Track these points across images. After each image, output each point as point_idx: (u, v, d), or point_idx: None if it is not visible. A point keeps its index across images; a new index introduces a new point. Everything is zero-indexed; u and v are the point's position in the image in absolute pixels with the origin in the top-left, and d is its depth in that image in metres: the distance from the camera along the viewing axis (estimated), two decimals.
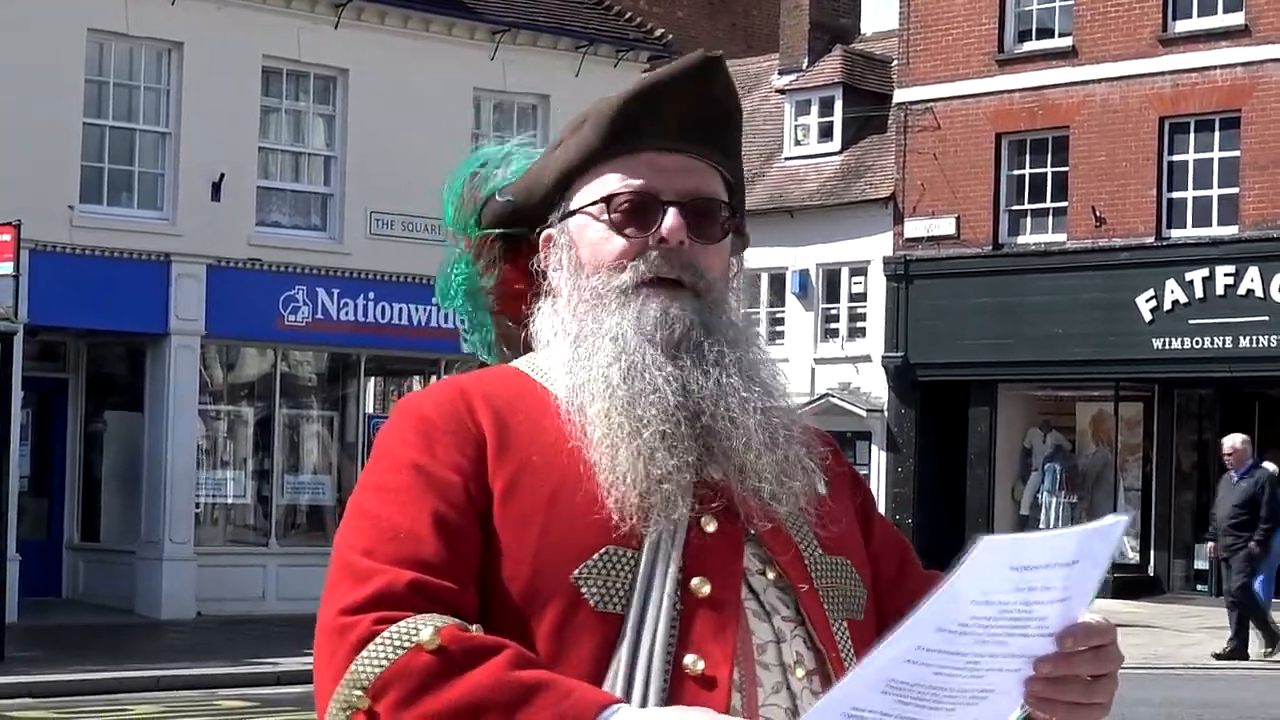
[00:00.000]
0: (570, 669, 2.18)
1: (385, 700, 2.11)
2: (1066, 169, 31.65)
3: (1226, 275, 29.50)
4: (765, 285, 35.61)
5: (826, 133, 36.70)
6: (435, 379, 26.30)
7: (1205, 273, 29.69)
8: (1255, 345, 29.18)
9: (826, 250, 35.19)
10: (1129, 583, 30.79)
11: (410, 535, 2.23)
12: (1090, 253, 30.98)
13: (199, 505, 24.98)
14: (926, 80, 33.42)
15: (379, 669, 2.11)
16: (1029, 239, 32.35)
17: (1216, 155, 30.12)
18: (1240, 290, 29.38)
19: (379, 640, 2.12)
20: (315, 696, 2.21)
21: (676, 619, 2.24)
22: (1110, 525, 2.10)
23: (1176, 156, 30.56)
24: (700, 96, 2.47)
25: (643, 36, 29.30)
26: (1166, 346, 30.08)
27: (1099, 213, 30.93)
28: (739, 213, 2.52)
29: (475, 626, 2.16)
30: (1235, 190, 29.77)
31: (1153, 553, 30.80)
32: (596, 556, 2.25)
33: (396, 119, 25.59)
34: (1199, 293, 29.79)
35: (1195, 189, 30.35)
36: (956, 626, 2.07)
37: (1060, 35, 32.06)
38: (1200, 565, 31.06)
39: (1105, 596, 29.45)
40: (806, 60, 38.19)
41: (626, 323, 2.36)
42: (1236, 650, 20.56)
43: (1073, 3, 31.79)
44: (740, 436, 2.34)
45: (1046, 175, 32.12)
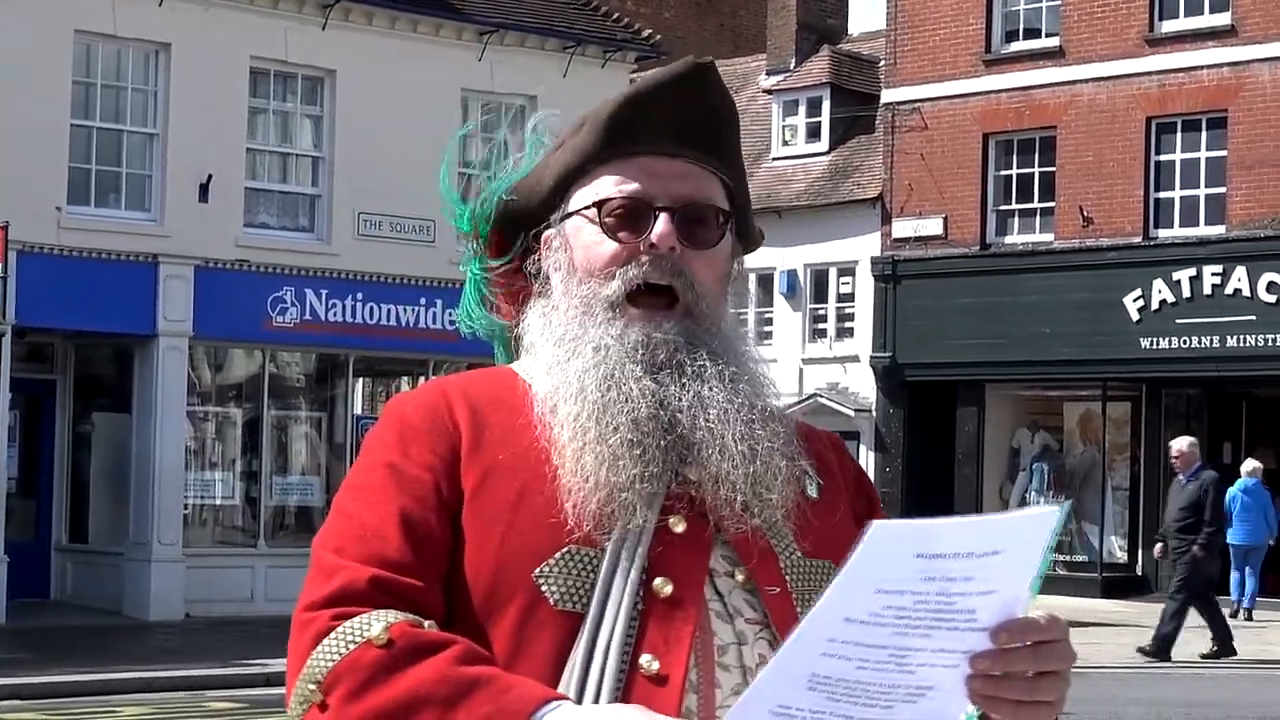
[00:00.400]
0: (528, 666, 2.20)
1: (335, 694, 2.15)
2: (1053, 169, 31.68)
3: (1213, 275, 29.54)
4: (753, 285, 35.60)
5: (814, 133, 36.72)
6: (424, 379, 26.29)
7: (1192, 272, 29.73)
8: (1242, 345, 29.23)
9: (814, 250, 35.21)
10: (1117, 582, 30.86)
11: (376, 533, 2.27)
12: (1077, 252, 31.02)
13: (187, 506, 24.96)
14: (914, 80, 33.45)
15: (331, 663, 2.16)
16: (1016, 239, 32.38)
17: (1203, 155, 30.17)
18: (1227, 290, 29.42)
19: (333, 635, 2.17)
20: (288, 687, 2.26)
21: (636, 618, 2.25)
22: (1043, 515, 2.03)
23: (1163, 156, 30.60)
24: (691, 102, 2.47)
25: (630, 37, 29.31)
26: (1154, 346, 30.12)
27: (1086, 213, 30.97)
28: (740, 217, 2.52)
29: (429, 623, 2.19)
30: (1222, 190, 29.81)
31: (1141, 552, 30.80)
32: (559, 555, 2.27)
33: (384, 120, 25.59)
34: (1186, 292, 29.83)
35: (1182, 189, 30.40)
36: (867, 616, 2.04)
37: (1047, 35, 32.10)
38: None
39: (1094, 596, 29.50)
40: (794, 61, 38.21)
41: (610, 337, 2.37)
42: (1161, 643, 20.41)
43: (1059, 3, 31.83)
44: (716, 446, 2.34)
45: (1034, 175, 32.15)
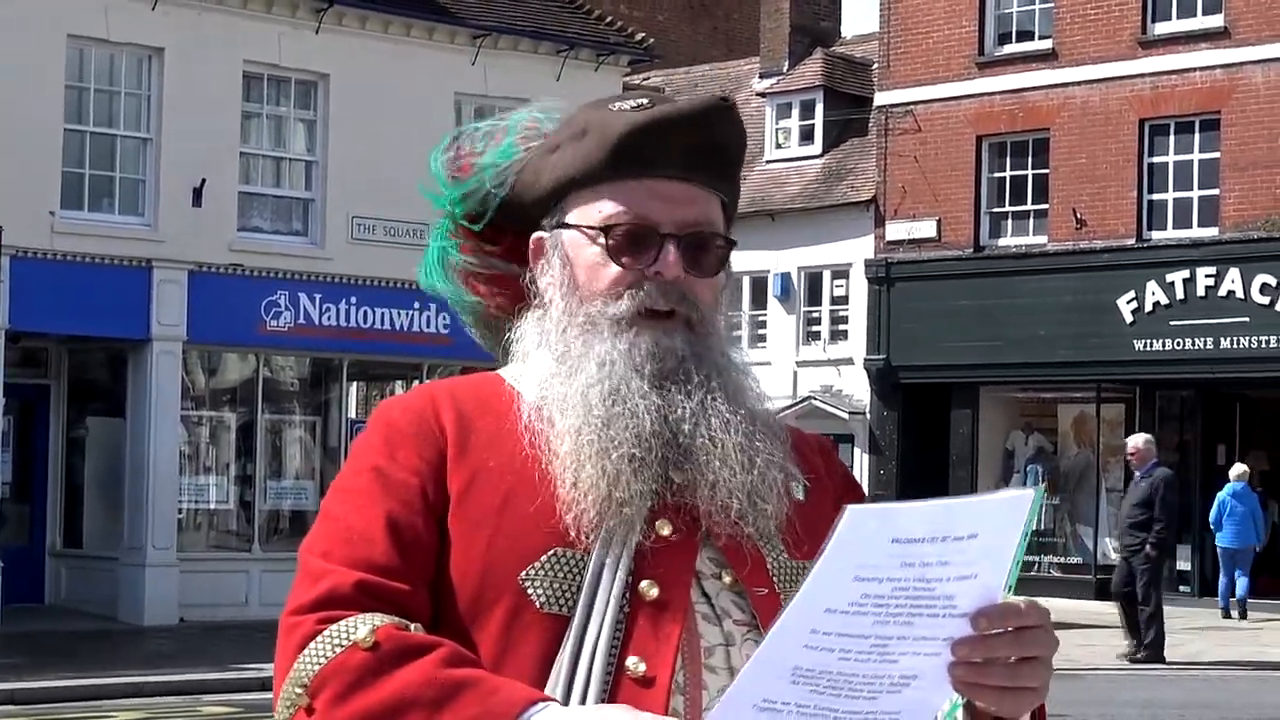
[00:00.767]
0: (515, 669, 2.21)
1: (322, 697, 2.15)
2: (1047, 171, 31.70)
3: (1207, 276, 29.56)
4: (747, 288, 35.62)
5: (807, 136, 36.74)
6: (418, 383, 26.29)
7: (1186, 274, 29.75)
8: (1236, 346, 29.25)
9: (808, 253, 35.23)
10: (1111, 584, 30.84)
11: (362, 537, 2.27)
12: (1071, 254, 31.03)
13: (181, 511, 24.95)
14: (907, 83, 33.47)
15: (317, 667, 2.16)
16: (1010, 241, 32.40)
17: (1196, 157, 30.19)
18: (1221, 291, 29.44)
19: (319, 639, 2.18)
20: (276, 687, 2.27)
21: (622, 621, 2.26)
22: (1019, 497, 2.01)
23: (1157, 158, 30.63)
24: (709, 136, 2.47)
25: (623, 40, 29.32)
26: (1148, 348, 30.14)
27: (1080, 215, 30.98)
28: (733, 242, 2.51)
29: (415, 626, 2.20)
30: (1215, 192, 29.84)
31: None
32: (545, 558, 2.27)
33: (377, 124, 25.58)
34: (1180, 294, 29.85)
35: (1175, 191, 30.42)
36: (848, 606, 2.03)
37: (1040, 38, 32.12)
38: (1182, 566, 31.13)
39: (1087, 598, 29.49)
40: (787, 63, 38.23)
41: (617, 352, 2.36)
42: (1151, 648, 20.33)
43: (1052, 5, 31.86)
44: (716, 453, 2.34)
45: (1027, 177, 32.17)
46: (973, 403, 32.74)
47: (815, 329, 35.79)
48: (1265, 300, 28.98)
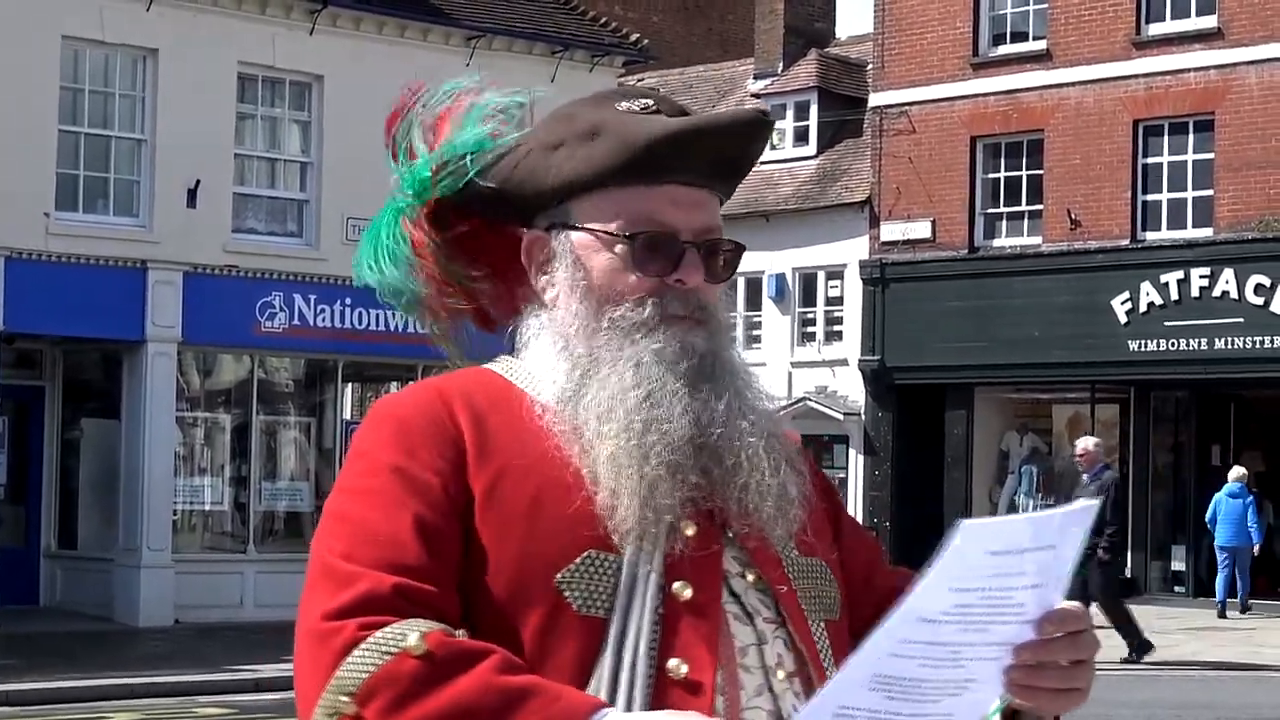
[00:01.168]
0: (554, 673, 2.19)
1: (372, 706, 2.10)
2: (1041, 172, 31.72)
3: (1201, 277, 29.58)
4: (742, 289, 35.63)
5: (802, 137, 36.74)
6: (413, 384, 26.30)
7: (1180, 275, 29.77)
8: (1230, 347, 29.27)
9: (803, 254, 35.24)
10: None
11: (391, 539, 2.22)
12: (1065, 255, 31.05)
13: (176, 512, 24.93)
14: (901, 84, 33.48)
15: (365, 674, 2.11)
16: (1004, 242, 32.42)
17: (1191, 158, 30.21)
18: (1215, 292, 29.46)
19: (365, 646, 2.12)
20: (297, 700, 2.21)
21: (658, 623, 2.25)
22: (1081, 510, 2.11)
23: (1151, 159, 30.64)
24: (742, 149, 2.49)
25: (618, 41, 29.32)
26: (1142, 349, 30.16)
27: (1074, 215, 31.00)
28: (742, 246, 2.53)
29: (460, 631, 2.16)
30: (1210, 192, 29.85)
31: (1130, 554, 30.83)
32: (579, 560, 2.25)
33: (372, 125, 25.03)
34: (1174, 295, 29.87)
35: (1170, 191, 30.44)
36: (940, 615, 2.07)
37: (1034, 39, 32.14)
38: (1177, 567, 31.18)
39: (1082, 598, 29.51)
40: (781, 65, 38.24)
41: (649, 354, 2.35)
42: (1139, 649, 20.34)
43: (1046, 6, 31.88)
44: (747, 456, 2.35)
45: (1021, 178, 32.19)
46: (967, 403, 32.75)
47: (810, 330, 35.80)
48: (1259, 301, 29.00)
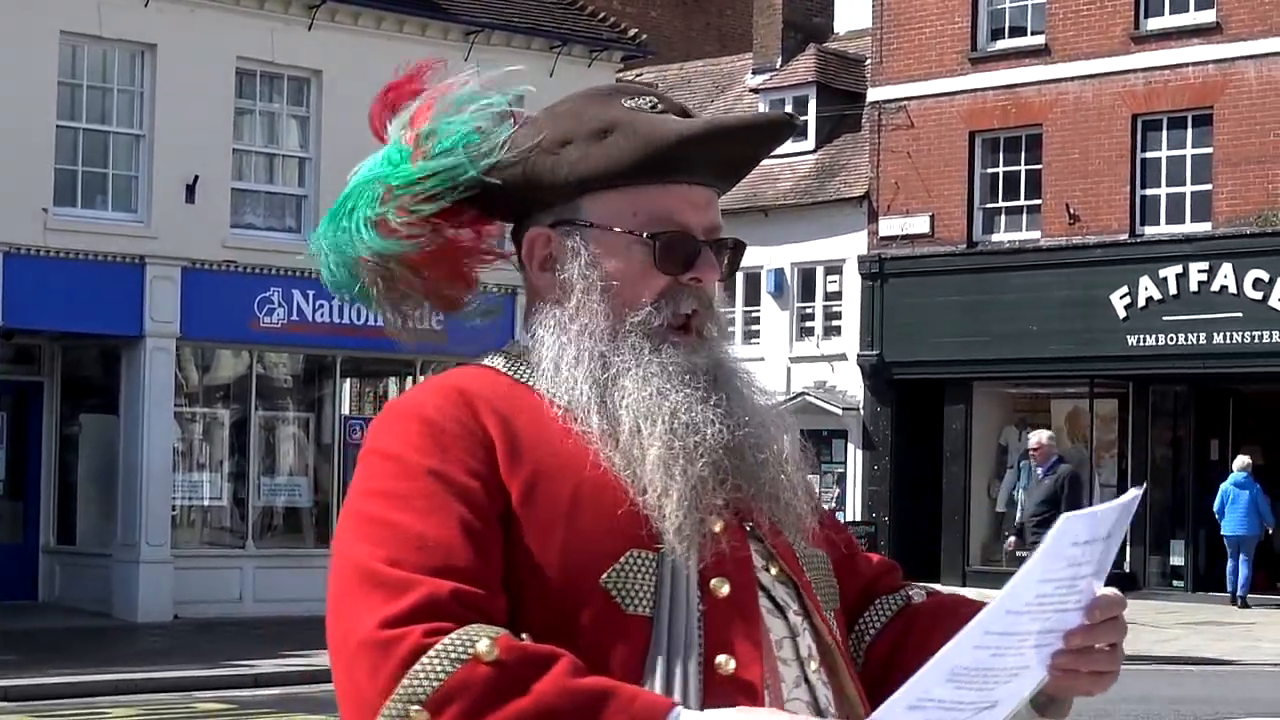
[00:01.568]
0: (609, 673, 2.18)
1: (447, 714, 2.08)
2: (1040, 167, 31.72)
3: (1200, 272, 29.58)
4: (740, 284, 35.62)
5: (800, 132, 36.72)
6: (411, 380, 26.31)
7: (1179, 269, 29.77)
8: (1229, 341, 29.27)
9: (801, 249, 35.22)
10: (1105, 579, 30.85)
11: (439, 544, 2.19)
12: (1064, 250, 31.05)
13: (175, 508, 24.93)
14: (900, 79, 33.48)
15: (437, 682, 2.08)
16: (1003, 237, 32.41)
17: (1189, 152, 30.21)
18: (1214, 287, 29.46)
19: (434, 653, 2.09)
20: (346, 710, 2.17)
21: (702, 620, 2.27)
22: (1130, 500, 2.18)
23: (1149, 154, 30.64)
24: (757, 151, 2.51)
25: (616, 36, 29.32)
26: (1141, 343, 30.16)
27: (1073, 210, 31.00)
28: (744, 244, 2.55)
29: (524, 636, 2.15)
30: (1208, 187, 29.85)
31: (1129, 549, 30.83)
32: (622, 560, 2.26)
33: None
34: (1173, 289, 29.87)
35: (1168, 186, 30.43)
36: (1024, 607, 2.11)
37: (1033, 33, 32.13)
38: (1176, 561, 31.19)
39: None
40: (780, 59, 38.23)
41: (671, 360, 2.36)
42: None
43: (1045, 1, 31.86)
44: (774, 451, 2.39)
45: (1020, 173, 32.19)
46: (966, 398, 32.75)
47: (809, 325, 35.79)
48: (1258, 295, 29.01)
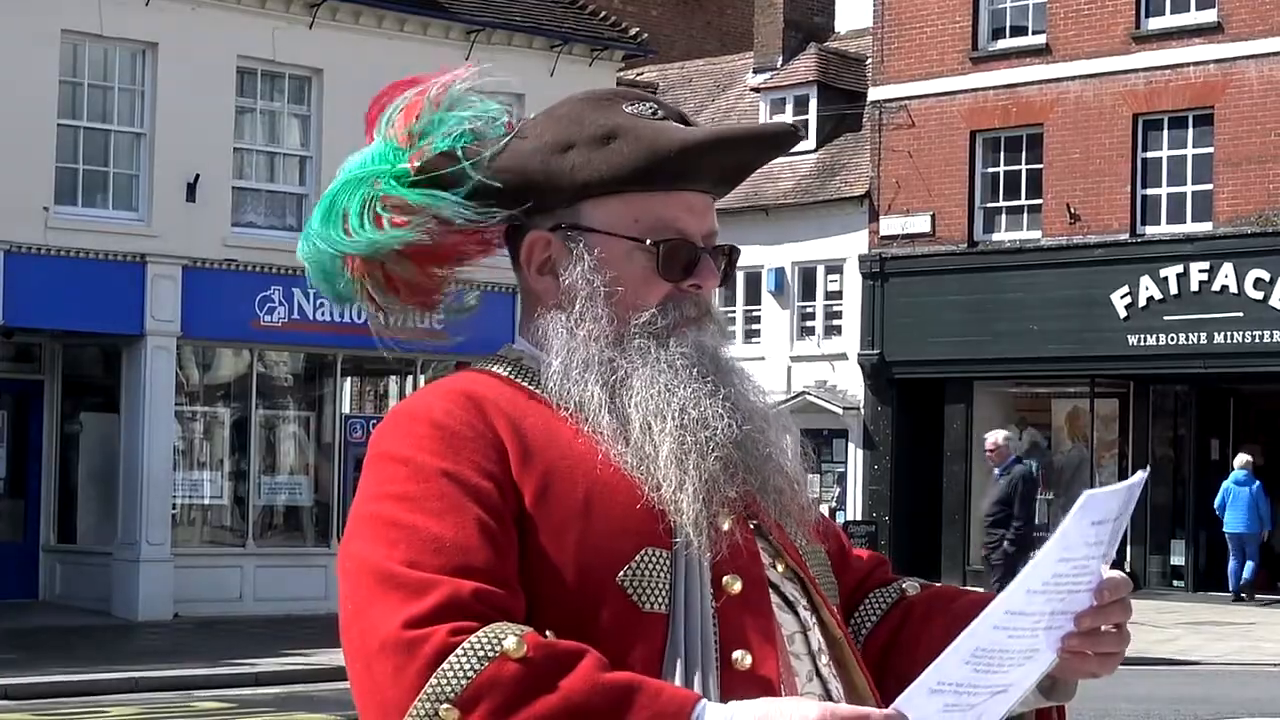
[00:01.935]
0: (628, 669, 2.18)
1: (478, 711, 2.08)
2: (1041, 166, 31.72)
3: (1201, 271, 29.59)
4: (741, 284, 35.63)
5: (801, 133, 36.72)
6: (412, 379, 26.32)
7: (1180, 269, 29.78)
8: (1230, 341, 29.28)
9: (802, 248, 35.23)
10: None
11: (456, 544, 2.20)
12: (1065, 250, 31.06)
13: (175, 506, 24.93)
14: (901, 78, 33.48)
15: (466, 680, 2.09)
16: (1004, 236, 32.42)
17: (1190, 152, 30.21)
18: (1215, 286, 29.47)
19: (461, 651, 2.10)
20: (372, 713, 2.17)
21: (716, 616, 2.29)
22: (1137, 481, 2.18)
23: (1150, 153, 30.64)
24: (759, 159, 2.53)
25: (617, 35, 29.33)
26: (1142, 343, 30.16)
27: (1074, 210, 31.00)
28: (738, 250, 2.58)
29: (549, 633, 2.17)
30: (1209, 187, 29.85)
31: (1129, 548, 30.85)
32: (638, 558, 2.28)
33: None
34: (1174, 289, 29.87)
35: (1169, 186, 30.44)
36: (1042, 586, 2.12)
37: (1034, 33, 32.14)
38: (1176, 561, 31.20)
39: None
40: (781, 59, 38.23)
41: (678, 357, 2.39)
42: None
43: (1046, 1, 31.87)
44: (775, 450, 2.42)
45: (1021, 172, 32.19)
46: (966, 398, 32.76)
47: (809, 324, 35.79)
48: (1259, 295, 29.01)
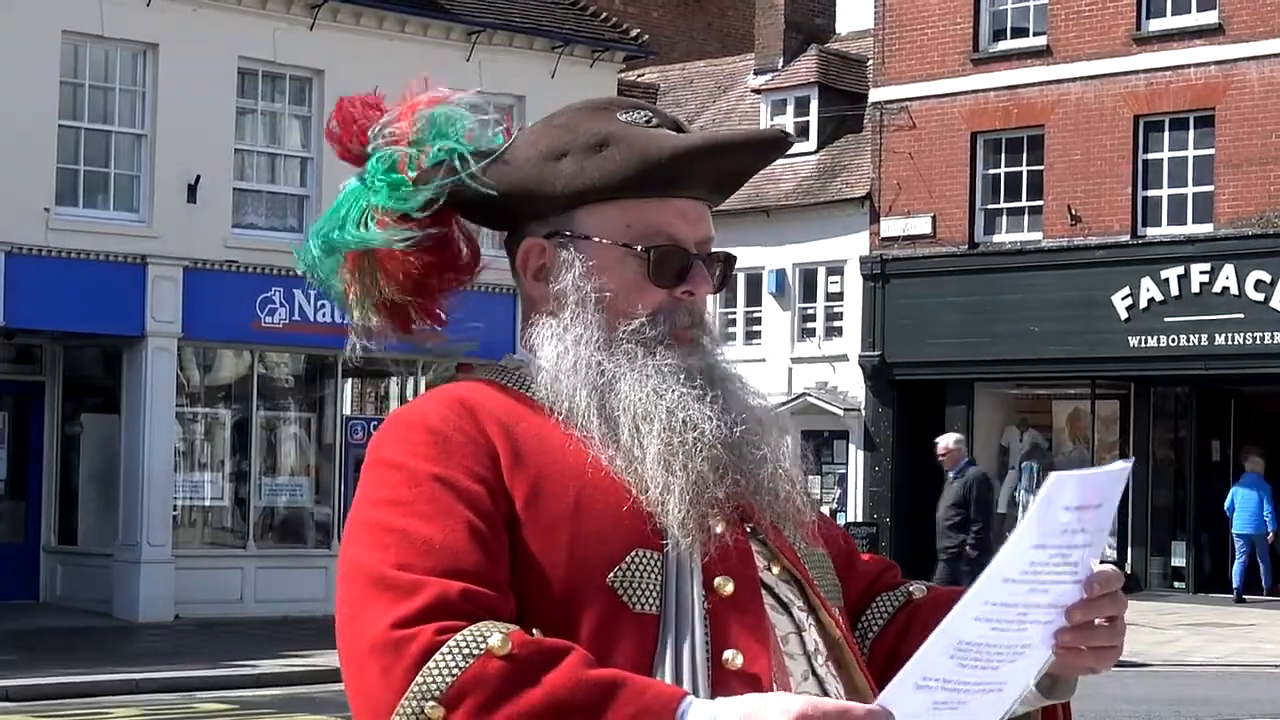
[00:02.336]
0: (615, 669, 2.19)
1: (463, 708, 2.10)
2: (1042, 168, 31.71)
3: (1201, 273, 29.58)
4: (742, 285, 35.63)
5: (802, 132, 36.70)
6: (413, 381, 26.31)
7: (1180, 270, 29.77)
8: (1230, 343, 29.27)
9: (803, 250, 35.22)
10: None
11: (446, 547, 2.22)
12: (1066, 251, 31.05)
13: (176, 508, 24.94)
14: (902, 80, 33.48)
15: (451, 678, 2.10)
16: (1005, 238, 32.41)
17: (1191, 153, 30.21)
18: (1215, 288, 29.46)
19: (446, 649, 2.12)
20: (364, 715, 2.18)
21: (707, 617, 2.30)
22: (1120, 470, 2.11)
23: (1151, 155, 30.64)
24: (753, 165, 2.53)
25: (618, 37, 29.32)
26: (1142, 344, 30.15)
27: (1074, 211, 30.99)
28: (734, 257, 2.59)
29: (535, 631, 2.18)
30: (1210, 188, 29.85)
31: (1130, 550, 30.87)
32: (628, 559, 2.29)
33: None
34: (1174, 290, 29.86)
35: (1170, 187, 30.43)
36: (1019, 575, 2.07)
37: (1034, 34, 32.13)
38: (1177, 563, 31.19)
39: None
40: (782, 60, 38.22)
41: (666, 364, 2.40)
42: None
43: (1047, 2, 31.86)
44: (770, 454, 2.42)
45: (1022, 174, 32.18)
46: (967, 399, 32.74)
47: (810, 326, 35.78)
48: (1259, 297, 29.01)
